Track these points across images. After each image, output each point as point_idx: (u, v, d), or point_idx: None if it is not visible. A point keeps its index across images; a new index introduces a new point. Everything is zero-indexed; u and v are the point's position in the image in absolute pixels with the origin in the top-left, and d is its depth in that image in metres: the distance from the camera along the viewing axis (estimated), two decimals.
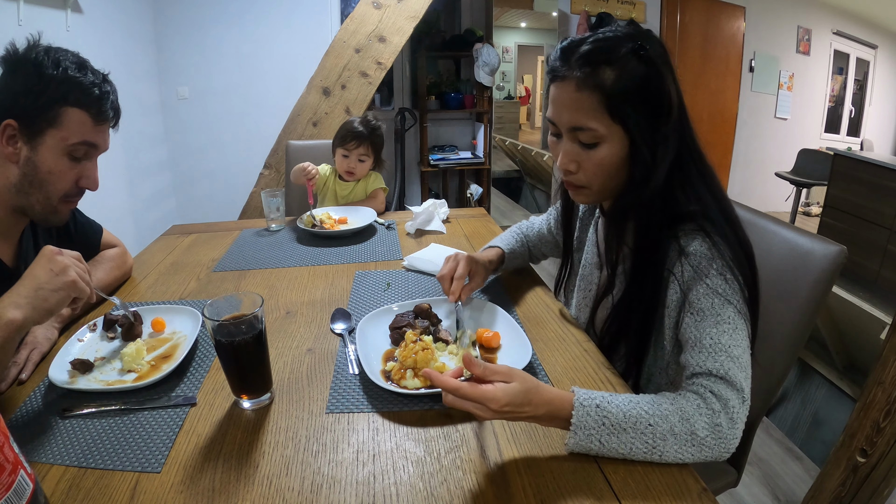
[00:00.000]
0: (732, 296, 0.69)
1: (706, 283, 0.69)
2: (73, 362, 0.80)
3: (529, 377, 0.62)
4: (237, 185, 3.23)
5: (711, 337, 0.67)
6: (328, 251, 1.38)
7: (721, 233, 0.72)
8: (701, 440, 0.61)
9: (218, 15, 3.17)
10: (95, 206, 1.36)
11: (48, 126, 0.83)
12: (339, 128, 1.82)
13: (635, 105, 0.71)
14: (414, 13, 2.95)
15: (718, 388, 0.63)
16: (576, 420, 0.60)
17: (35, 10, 2.02)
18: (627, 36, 0.72)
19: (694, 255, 0.71)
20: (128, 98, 2.98)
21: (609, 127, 0.72)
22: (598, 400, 0.61)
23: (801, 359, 1.99)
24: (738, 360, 0.65)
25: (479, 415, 0.59)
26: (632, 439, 0.60)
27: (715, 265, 0.70)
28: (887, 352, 1.13)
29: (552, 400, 0.61)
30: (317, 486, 0.59)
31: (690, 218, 0.74)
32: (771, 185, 4.52)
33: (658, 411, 0.61)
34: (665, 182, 0.74)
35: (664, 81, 0.72)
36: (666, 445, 0.60)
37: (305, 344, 0.91)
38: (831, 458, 1.25)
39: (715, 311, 0.68)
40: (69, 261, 0.75)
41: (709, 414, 0.62)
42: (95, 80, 0.87)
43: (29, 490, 0.50)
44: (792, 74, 4.67)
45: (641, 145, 0.72)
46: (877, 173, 2.98)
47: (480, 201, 4.00)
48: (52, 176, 0.86)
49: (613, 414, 0.60)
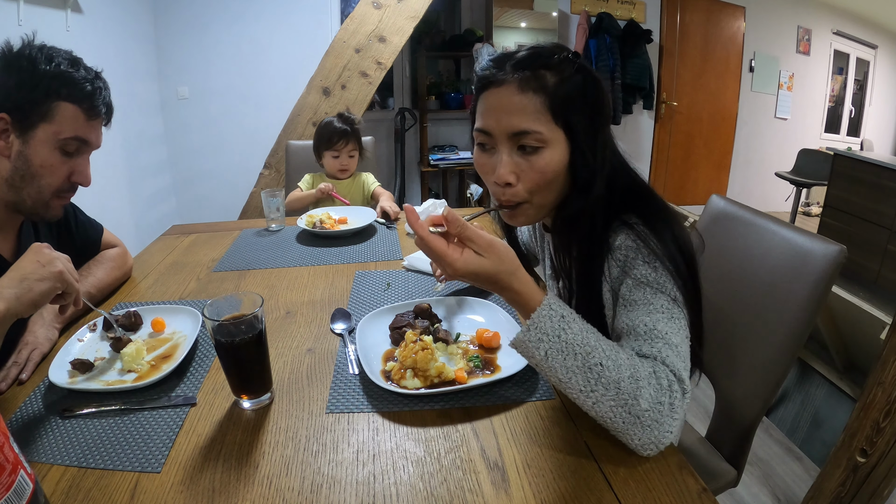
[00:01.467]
0: (664, 285, 0.66)
1: (633, 274, 0.67)
2: (73, 362, 0.80)
3: (509, 259, 0.60)
4: (237, 185, 3.23)
5: (645, 324, 0.63)
6: (328, 251, 1.38)
7: (646, 221, 0.70)
8: (640, 410, 0.57)
9: (218, 15, 3.17)
10: (95, 206, 1.36)
11: (40, 120, 0.84)
12: (319, 131, 1.84)
13: (577, 108, 0.70)
14: (414, 13, 2.95)
15: (665, 372, 0.59)
16: (536, 316, 0.58)
17: (35, 10, 2.02)
18: (557, 47, 0.73)
19: (619, 248, 0.69)
20: (128, 98, 2.98)
21: (552, 130, 0.70)
22: (566, 312, 0.59)
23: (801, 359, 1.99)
24: (675, 347, 0.62)
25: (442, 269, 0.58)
26: (577, 367, 0.57)
27: (641, 255, 0.67)
28: (887, 352, 1.13)
29: (523, 291, 0.60)
30: (317, 486, 0.59)
31: (618, 214, 0.72)
32: (771, 185, 4.52)
33: (615, 357, 0.58)
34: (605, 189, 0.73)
35: (600, 89, 0.72)
36: (605, 396, 0.57)
37: (305, 344, 0.91)
38: (831, 458, 1.25)
39: (647, 300, 0.65)
40: (57, 254, 0.75)
41: (657, 388, 0.58)
42: (88, 75, 0.88)
43: (29, 490, 0.50)
44: (792, 74, 4.67)
45: (585, 150, 0.70)
46: (877, 173, 2.97)
47: (480, 201, 4.00)
48: (44, 170, 0.86)
49: (574, 332, 0.58)
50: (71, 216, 1.10)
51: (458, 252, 0.59)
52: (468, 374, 0.78)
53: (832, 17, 4.73)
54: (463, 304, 1.00)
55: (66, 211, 1.09)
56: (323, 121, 1.88)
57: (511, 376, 0.77)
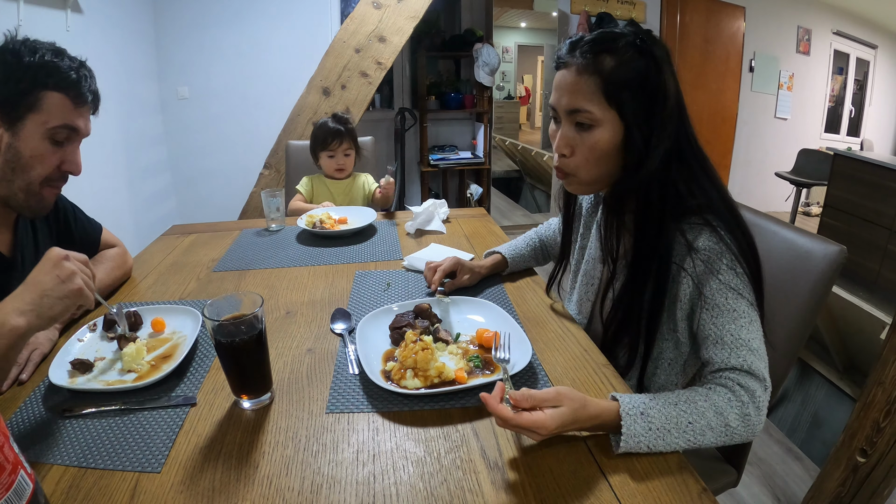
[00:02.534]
0: (744, 289, 0.72)
1: (719, 278, 0.72)
2: (73, 362, 0.80)
3: (576, 396, 0.64)
4: (237, 185, 3.23)
5: (731, 333, 0.71)
6: (328, 251, 1.38)
7: (727, 227, 0.74)
8: (733, 429, 0.66)
9: (218, 15, 3.17)
10: (96, 205, 1.36)
11: (28, 111, 0.84)
12: (314, 133, 1.85)
13: (631, 92, 0.75)
14: (414, 13, 2.95)
15: (744, 381, 0.68)
16: (625, 430, 0.63)
17: (35, 10, 2.02)
18: (631, 32, 0.76)
19: (703, 249, 0.74)
20: (128, 98, 2.98)
21: (605, 111, 0.76)
22: (642, 408, 0.64)
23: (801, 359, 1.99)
24: (757, 351, 0.70)
25: (531, 437, 0.63)
26: (675, 439, 0.64)
27: (725, 260, 0.73)
28: (887, 352, 1.13)
29: (600, 414, 0.64)
30: (317, 486, 0.59)
31: (695, 212, 0.76)
32: (771, 185, 4.52)
33: (695, 409, 0.66)
34: (664, 173, 0.76)
35: (661, 74, 0.75)
36: (704, 438, 0.65)
37: (305, 344, 0.91)
38: (831, 458, 1.25)
39: (731, 307, 0.72)
40: (76, 266, 0.75)
41: (738, 405, 0.67)
42: (73, 64, 0.88)
43: (29, 490, 0.50)
44: (792, 74, 4.67)
45: (635, 131, 0.76)
46: (877, 173, 2.97)
47: (480, 201, 4.00)
48: (34, 160, 0.87)
49: (657, 419, 0.64)
50: (70, 215, 1.10)
51: (542, 415, 0.62)
52: (468, 374, 0.78)
53: (832, 17, 4.73)
54: (463, 305, 1.00)
55: (65, 210, 1.09)
56: (317, 122, 1.88)
57: (511, 376, 0.77)
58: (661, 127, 0.75)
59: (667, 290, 0.79)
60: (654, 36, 0.77)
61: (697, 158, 0.79)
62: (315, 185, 1.90)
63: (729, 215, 0.76)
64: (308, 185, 1.90)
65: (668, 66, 0.75)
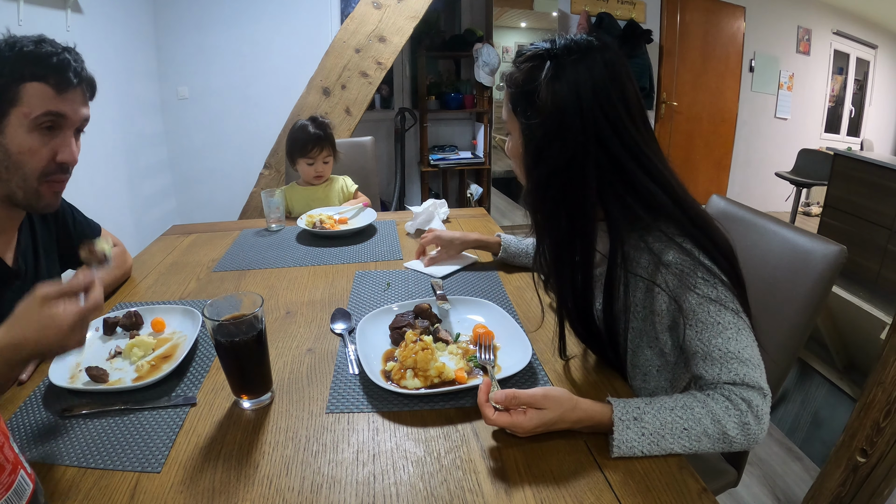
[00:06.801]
0: (725, 299, 0.70)
1: (696, 293, 0.70)
2: (89, 370, 0.78)
3: (565, 398, 0.65)
4: (237, 185, 3.23)
5: (719, 348, 0.69)
6: (328, 251, 1.38)
7: (689, 234, 0.72)
8: (732, 438, 0.65)
9: (218, 15, 3.17)
10: (96, 205, 1.36)
11: (9, 106, 0.82)
12: (291, 137, 1.77)
13: (528, 104, 0.75)
14: (414, 13, 2.94)
15: (740, 392, 0.67)
16: (617, 435, 0.63)
17: (35, 10, 2.02)
18: (563, 46, 0.74)
19: (674, 264, 0.71)
20: (128, 98, 2.98)
21: (512, 121, 0.80)
22: (636, 413, 0.65)
23: (801, 359, 1.99)
24: (748, 361, 0.68)
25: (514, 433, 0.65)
26: (670, 444, 0.64)
27: (699, 273, 0.70)
28: (887, 352, 1.13)
29: (591, 416, 0.65)
30: (317, 486, 0.59)
31: (649, 221, 0.73)
32: (771, 185, 4.52)
33: (691, 415, 0.65)
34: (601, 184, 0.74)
35: (561, 89, 0.71)
36: (701, 444, 0.65)
37: (305, 344, 0.91)
38: (831, 458, 1.25)
39: (714, 321, 0.69)
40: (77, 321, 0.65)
41: (737, 414, 0.66)
42: (54, 50, 0.85)
43: (29, 490, 0.50)
44: (792, 74, 4.67)
45: (528, 142, 0.77)
46: (877, 173, 2.97)
47: (480, 201, 4.00)
48: (24, 156, 0.85)
49: (651, 424, 0.64)
50: (69, 216, 1.10)
51: (521, 416, 0.64)
52: (468, 374, 0.78)
53: (832, 17, 4.73)
54: (463, 305, 1.00)
55: (63, 211, 1.08)
56: (296, 124, 1.80)
57: (511, 376, 0.77)
58: (548, 142, 0.73)
59: (615, 298, 0.77)
60: (597, 50, 0.72)
61: (643, 167, 0.74)
62: (289, 196, 1.82)
63: (684, 217, 0.72)
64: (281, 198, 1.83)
65: (586, 81, 0.71)
